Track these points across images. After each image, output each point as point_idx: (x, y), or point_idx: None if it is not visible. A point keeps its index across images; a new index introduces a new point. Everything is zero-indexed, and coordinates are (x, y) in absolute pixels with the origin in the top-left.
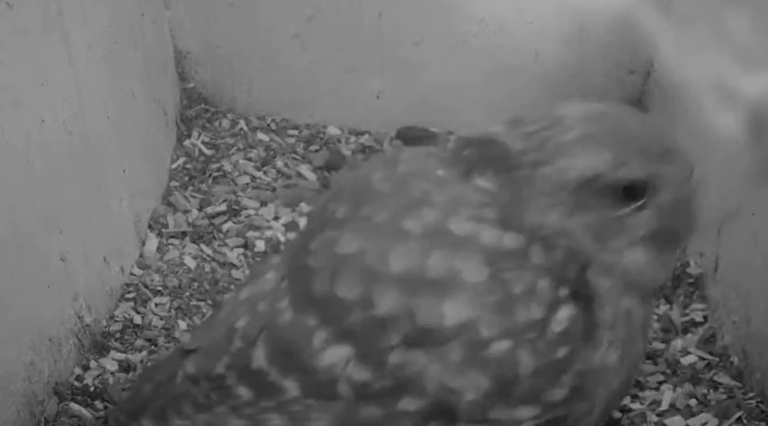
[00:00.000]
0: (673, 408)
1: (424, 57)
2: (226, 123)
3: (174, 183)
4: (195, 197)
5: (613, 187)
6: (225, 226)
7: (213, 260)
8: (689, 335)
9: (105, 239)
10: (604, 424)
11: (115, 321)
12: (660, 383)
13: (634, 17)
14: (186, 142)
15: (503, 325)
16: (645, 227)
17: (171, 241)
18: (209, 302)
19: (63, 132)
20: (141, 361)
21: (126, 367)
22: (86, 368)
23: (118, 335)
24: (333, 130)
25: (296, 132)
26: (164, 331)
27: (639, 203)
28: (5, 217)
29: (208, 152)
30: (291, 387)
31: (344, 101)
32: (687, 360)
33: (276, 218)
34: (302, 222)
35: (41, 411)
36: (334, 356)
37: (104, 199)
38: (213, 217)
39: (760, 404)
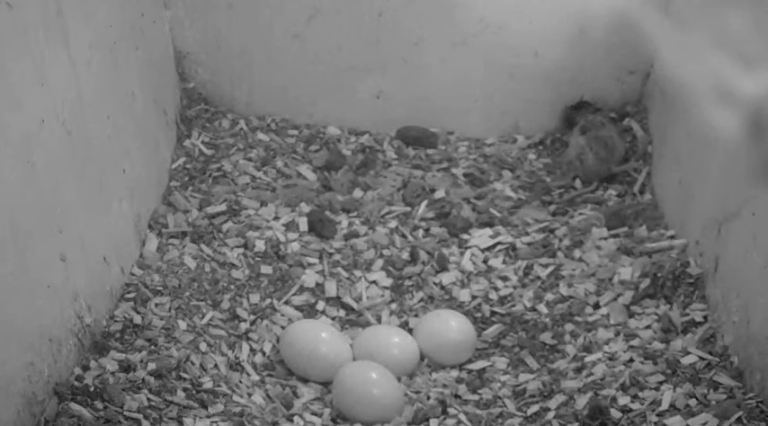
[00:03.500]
0: (673, 408)
1: (424, 57)
2: (226, 123)
3: (174, 183)
4: (195, 197)
5: None
6: (225, 226)
7: (213, 260)
8: (689, 335)
9: (105, 239)
10: (600, 423)
11: (115, 321)
12: (660, 383)
13: (634, 18)
14: (186, 142)
15: None
16: None
17: (171, 241)
18: (209, 302)
19: (63, 132)
20: (141, 361)
21: (126, 367)
22: (86, 368)
23: (118, 335)
24: (333, 130)
25: (296, 132)
26: (164, 331)
27: None
28: (5, 218)
29: (208, 152)
30: None
31: (344, 101)
32: (687, 360)
33: (276, 218)
34: (302, 222)
35: (41, 411)
36: None
37: (104, 199)
38: (213, 217)
39: (760, 404)
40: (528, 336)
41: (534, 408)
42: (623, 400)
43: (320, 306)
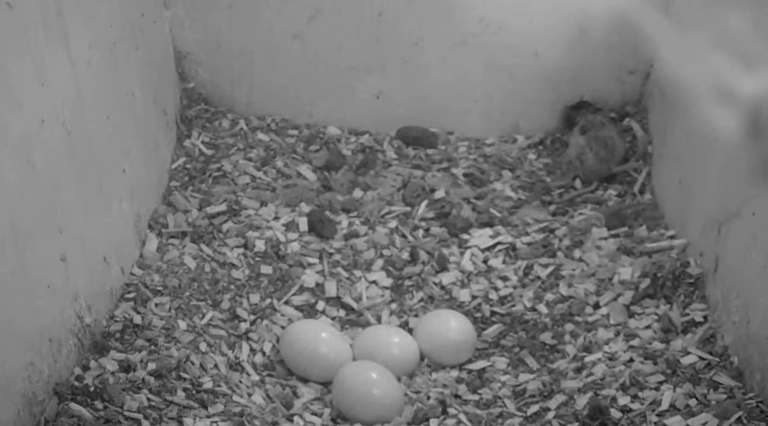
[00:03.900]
0: (673, 408)
1: (424, 57)
2: (226, 123)
3: (174, 183)
4: (195, 197)
5: None
6: (225, 226)
7: (213, 260)
8: (689, 335)
9: (105, 239)
10: (600, 423)
11: (115, 321)
12: (660, 383)
13: (634, 18)
14: (186, 142)
15: None
16: None
17: (171, 241)
18: (209, 302)
19: (63, 132)
20: (141, 361)
21: (126, 367)
22: (86, 368)
23: (118, 335)
24: (333, 130)
25: (296, 132)
26: (164, 331)
27: None
28: (5, 218)
29: (208, 152)
30: None
31: (344, 101)
32: (687, 360)
33: (276, 218)
34: (302, 222)
35: (41, 411)
36: None
37: (104, 199)
38: (213, 217)
39: (760, 404)
40: (528, 336)
41: (534, 408)
42: (623, 400)
43: (320, 306)
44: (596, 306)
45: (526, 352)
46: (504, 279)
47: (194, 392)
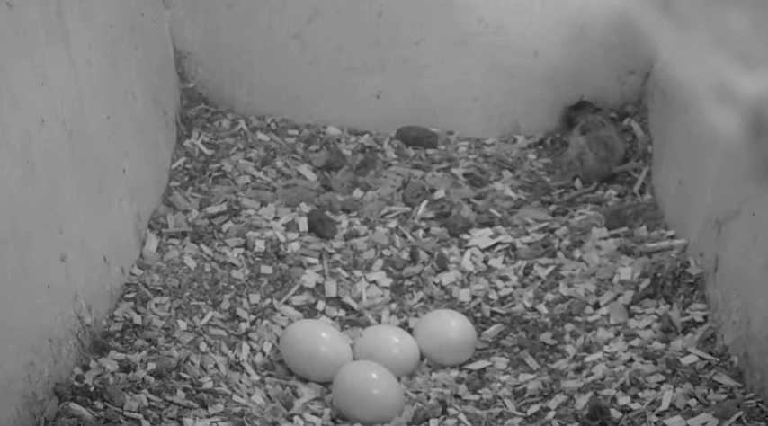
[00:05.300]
0: (673, 408)
1: (423, 57)
2: (226, 123)
3: (174, 183)
4: (195, 197)
5: None
6: (225, 226)
7: (213, 260)
8: (689, 335)
9: (105, 239)
10: (600, 423)
11: (115, 321)
12: (660, 383)
13: (634, 18)
14: (186, 142)
15: None
16: None
17: (171, 241)
18: (209, 302)
19: (63, 132)
20: (141, 361)
21: (126, 367)
22: (86, 368)
23: (118, 335)
24: (333, 130)
25: (296, 132)
26: (164, 331)
27: None
28: (5, 218)
29: (208, 152)
30: None
31: (344, 101)
32: (687, 360)
33: (276, 218)
34: (302, 222)
35: (41, 411)
36: None
37: (104, 199)
38: (213, 217)
39: (760, 404)
40: (528, 336)
41: (534, 408)
42: (623, 400)
43: (320, 306)
44: (596, 306)
45: (526, 352)
46: (504, 279)
47: (194, 392)
